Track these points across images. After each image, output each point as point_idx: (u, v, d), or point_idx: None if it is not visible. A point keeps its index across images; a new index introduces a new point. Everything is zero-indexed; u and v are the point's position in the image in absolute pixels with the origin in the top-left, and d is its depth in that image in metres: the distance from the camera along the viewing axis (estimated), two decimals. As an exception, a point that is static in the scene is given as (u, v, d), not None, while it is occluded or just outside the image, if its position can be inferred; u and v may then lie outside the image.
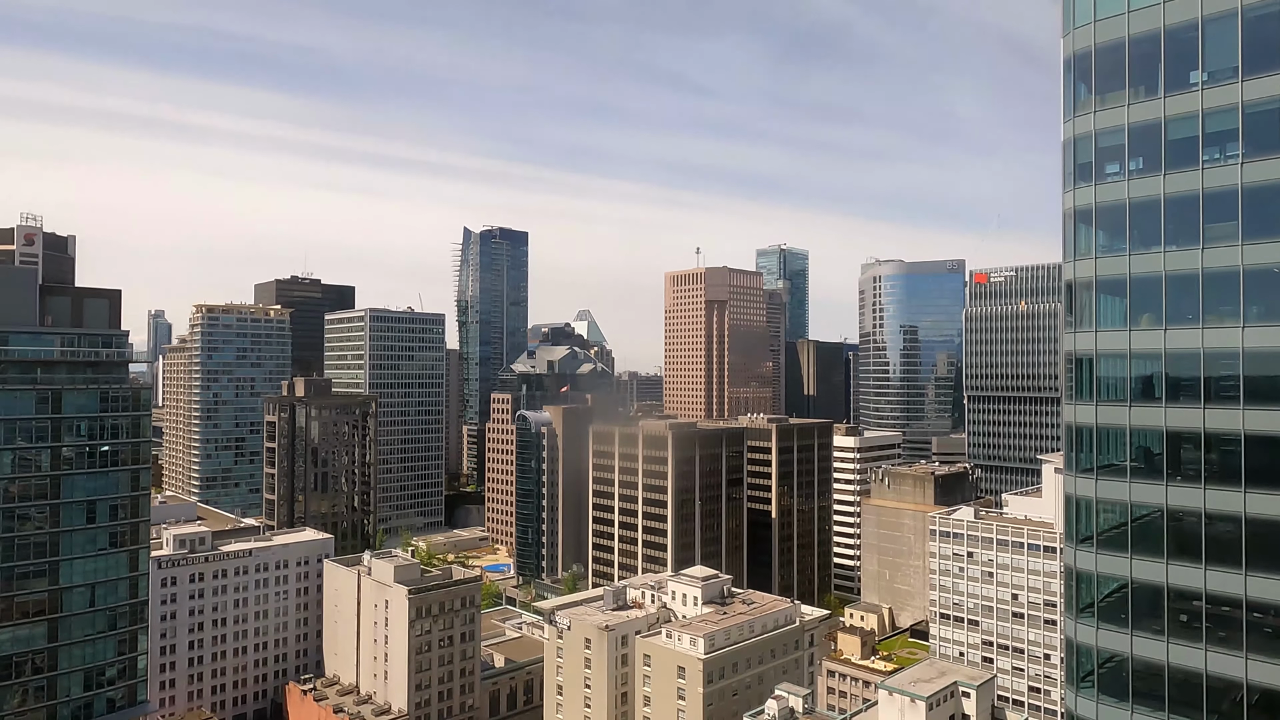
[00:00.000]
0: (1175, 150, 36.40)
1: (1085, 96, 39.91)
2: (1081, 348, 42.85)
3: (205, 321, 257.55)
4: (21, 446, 73.08)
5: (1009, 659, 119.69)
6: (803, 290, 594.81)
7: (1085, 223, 40.66)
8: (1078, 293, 42.70)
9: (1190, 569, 39.98)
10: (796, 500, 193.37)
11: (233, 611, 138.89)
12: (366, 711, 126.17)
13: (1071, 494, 44.37)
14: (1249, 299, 36.23)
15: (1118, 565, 42.70)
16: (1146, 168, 38.02)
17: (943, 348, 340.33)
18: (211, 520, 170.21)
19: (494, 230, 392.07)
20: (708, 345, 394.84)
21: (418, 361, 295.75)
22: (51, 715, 76.20)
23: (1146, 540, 41.47)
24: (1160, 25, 36.94)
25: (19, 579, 73.98)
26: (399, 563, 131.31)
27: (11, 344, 73.39)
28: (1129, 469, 41.58)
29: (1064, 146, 41.31)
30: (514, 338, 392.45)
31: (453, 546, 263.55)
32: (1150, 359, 40.39)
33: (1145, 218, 37.61)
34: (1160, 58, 37.28)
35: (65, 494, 76.01)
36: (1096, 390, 42.48)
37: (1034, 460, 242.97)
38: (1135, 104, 37.66)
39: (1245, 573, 38.21)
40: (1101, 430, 42.64)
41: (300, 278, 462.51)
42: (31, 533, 73.73)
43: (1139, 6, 37.43)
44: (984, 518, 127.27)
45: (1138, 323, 40.39)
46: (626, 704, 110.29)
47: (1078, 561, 44.24)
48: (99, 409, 77.17)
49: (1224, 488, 38.46)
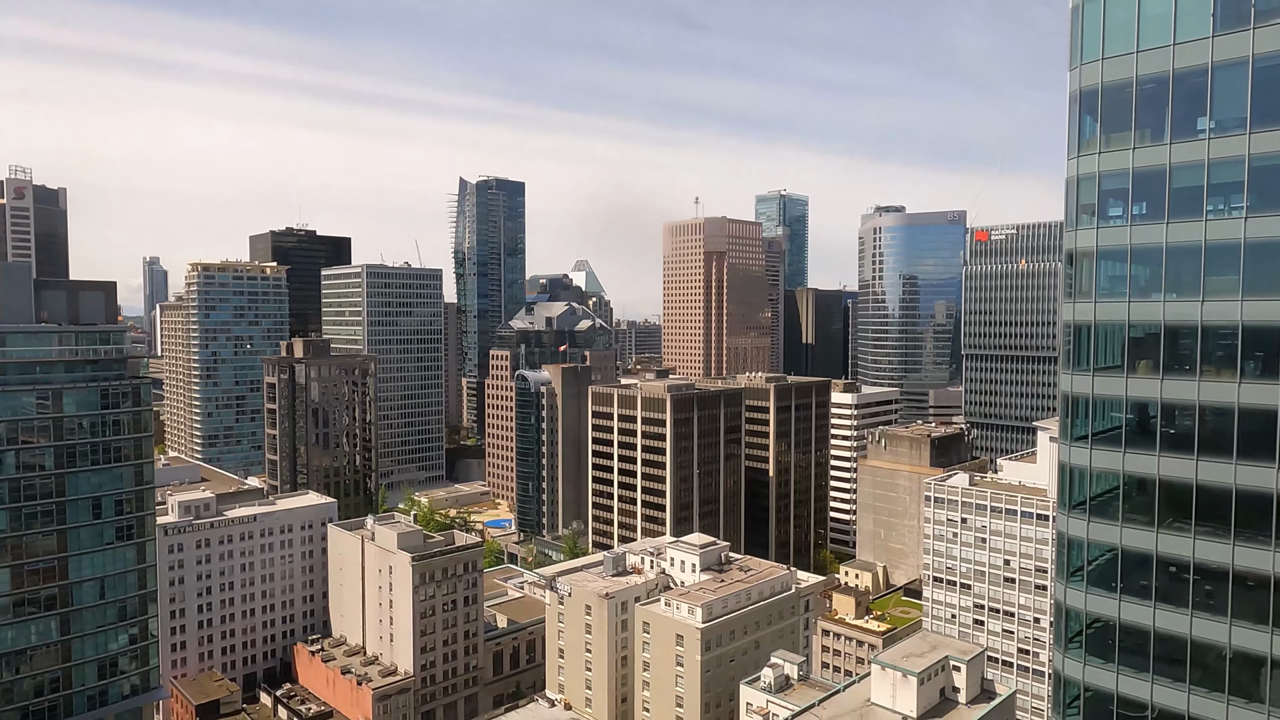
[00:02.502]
0: (1179, 199, 35.95)
1: (1090, 135, 39.31)
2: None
3: (201, 280, 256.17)
4: (24, 446, 73.77)
5: (999, 622, 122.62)
6: (802, 236, 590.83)
7: (1088, 263, 40.61)
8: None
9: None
10: (794, 458, 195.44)
11: (239, 575, 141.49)
12: (373, 672, 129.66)
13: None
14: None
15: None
16: (1150, 214, 37.78)
17: (942, 297, 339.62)
18: (215, 482, 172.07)
19: (490, 181, 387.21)
20: (706, 296, 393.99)
21: (416, 317, 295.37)
22: (68, 704, 79.01)
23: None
24: (1170, 68, 36.18)
25: (29, 575, 75.54)
26: (402, 529, 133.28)
27: (10, 344, 73.41)
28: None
29: (1067, 184, 40.89)
30: (512, 290, 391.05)
31: (454, 502, 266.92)
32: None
33: (1146, 264, 37.45)
34: (1169, 102, 36.57)
35: (70, 491, 77.05)
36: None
37: (1030, 419, 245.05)
38: (1141, 148, 37.03)
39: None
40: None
41: (295, 229, 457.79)
42: (39, 530, 75.10)
43: (1149, 47, 36.60)
44: (978, 484, 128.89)
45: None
46: (626, 667, 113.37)
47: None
48: (100, 406, 77.66)
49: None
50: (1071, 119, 39.16)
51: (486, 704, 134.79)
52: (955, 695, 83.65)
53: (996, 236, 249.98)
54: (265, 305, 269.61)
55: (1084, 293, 42.17)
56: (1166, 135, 36.19)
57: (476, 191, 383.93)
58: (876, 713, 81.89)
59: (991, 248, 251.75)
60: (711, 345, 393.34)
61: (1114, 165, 37.57)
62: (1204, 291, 35.99)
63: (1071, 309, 43.09)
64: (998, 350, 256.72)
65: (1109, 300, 41.37)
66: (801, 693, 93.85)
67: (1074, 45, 38.62)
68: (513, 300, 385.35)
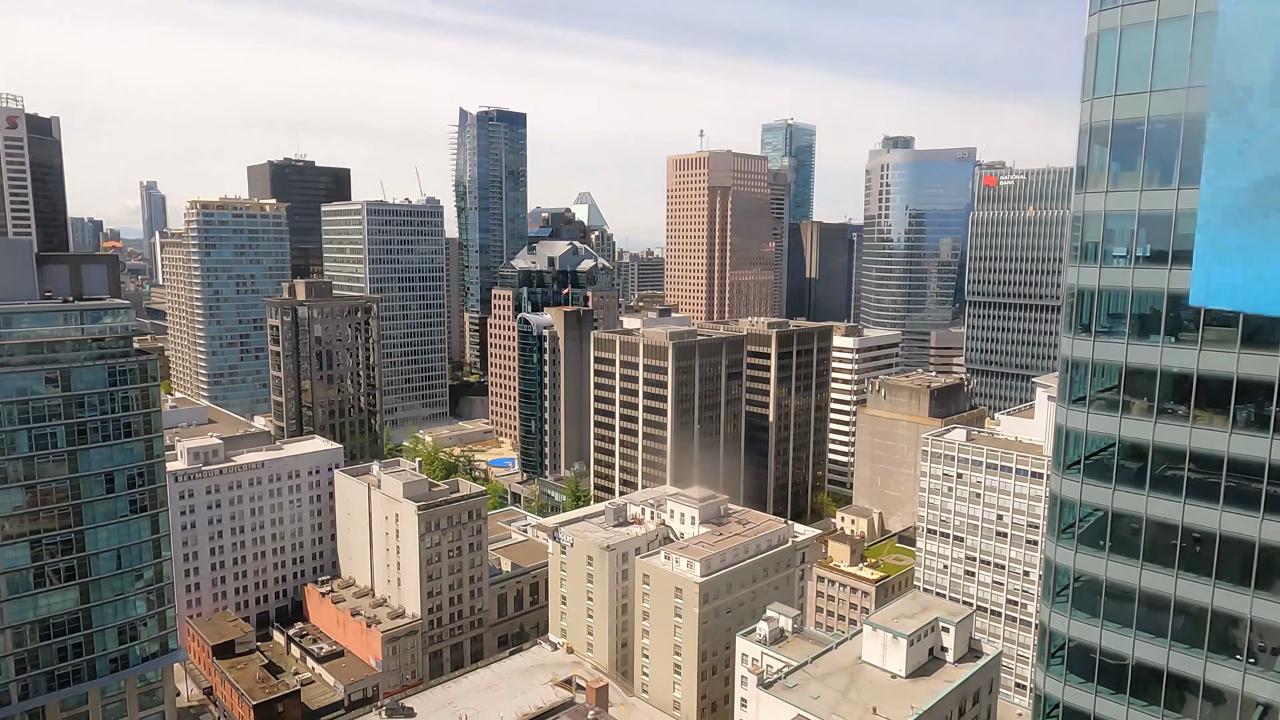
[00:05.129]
0: (1182, 245, 35.49)
1: (1099, 171, 38.63)
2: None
3: (201, 219, 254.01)
4: (36, 425, 75.08)
5: (990, 573, 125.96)
6: (809, 166, 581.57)
7: (1089, 299, 40.28)
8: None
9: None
10: (794, 403, 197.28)
11: (249, 520, 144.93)
12: (382, 614, 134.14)
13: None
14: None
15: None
16: (1153, 258, 37.25)
17: (949, 233, 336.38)
18: (222, 424, 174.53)
19: (491, 111, 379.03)
20: (710, 231, 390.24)
21: (417, 254, 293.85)
22: (91, 668, 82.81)
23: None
24: (1182, 111, 35.25)
25: (48, 548, 78.09)
26: (408, 478, 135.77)
27: (15, 325, 73.88)
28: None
29: (1073, 220, 40.31)
30: (514, 224, 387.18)
31: (458, 440, 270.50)
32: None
33: (1146, 310, 37.21)
34: (1179, 145, 35.82)
35: (83, 468, 78.88)
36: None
37: (1031, 368, 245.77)
38: (1149, 191, 36.38)
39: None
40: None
41: (293, 160, 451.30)
42: (55, 505, 77.16)
43: (1162, 87, 35.68)
44: (975, 439, 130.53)
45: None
46: (626, 615, 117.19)
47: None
48: (108, 384, 78.62)
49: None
50: (1080, 151, 38.41)
51: (491, 644, 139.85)
52: (943, 655, 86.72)
53: (1005, 182, 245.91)
54: (266, 243, 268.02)
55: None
56: (1175, 180, 35.48)
57: (477, 122, 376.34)
58: (867, 670, 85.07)
59: (999, 193, 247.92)
60: (714, 281, 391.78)
61: (1120, 206, 36.92)
62: (1202, 341, 35.81)
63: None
64: (1002, 298, 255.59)
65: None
66: (795, 645, 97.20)
67: (1087, 77, 37.59)
68: (515, 235, 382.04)
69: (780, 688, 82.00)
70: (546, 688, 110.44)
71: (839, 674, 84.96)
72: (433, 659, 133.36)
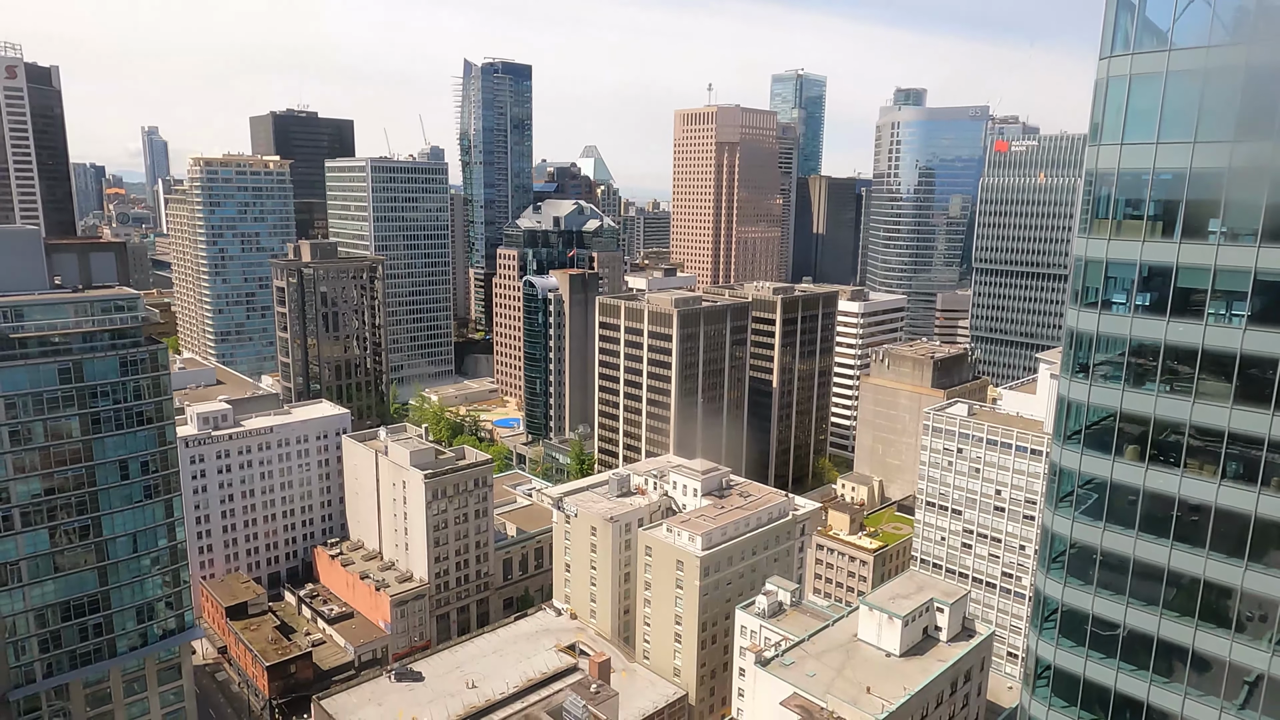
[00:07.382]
0: (1181, 298, 35.48)
1: (1102, 217, 38.46)
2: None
3: (204, 175, 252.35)
4: (51, 416, 76.55)
5: (986, 546, 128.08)
6: (818, 119, 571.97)
7: (1087, 342, 40.25)
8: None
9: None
10: (798, 369, 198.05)
11: (259, 483, 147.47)
12: (390, 578, 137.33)
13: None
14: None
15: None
16: (1153, 308, 37.09)
17: (959, 191, 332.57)
18: (230, 385, 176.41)
19: (496, 64, 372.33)
20: (717, 187, 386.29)
21: (422, 210, 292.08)
22: (111, 646, 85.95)
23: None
24: (1188, 166, 35.10)
25: (65, 534, 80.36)
26: (415, 446, 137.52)
27: (28, 318, 74.67)
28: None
29: (1074, 264, 39.80)
30: (519, 179, 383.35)
31: (464, 399, 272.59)
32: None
33: (1143, 358, 37.22)
34: (1183, 198, 35.69)
35: (98, 456, 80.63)
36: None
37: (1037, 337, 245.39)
38: (1151, 242, 36.10)
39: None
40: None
41: (296, 110, 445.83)
42: (71, 492, 79.12)
43: (1169, 140, 35.39)
44: (976, 415, 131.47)
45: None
46: (628, 583, 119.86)
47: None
48: (119, 374, 79.77)
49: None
50: (1085, 195, 38.19)
51: (497, 607, 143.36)
52: (937, 634, 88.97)
53: (1016, 148, 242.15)
54: (270, 200, 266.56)
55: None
56: (1177, 233, 35.39)
57: (482, 75, 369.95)
58: (862, 649, 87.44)
59: (1010, 158, 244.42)
60: (721, 238, 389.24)
61: (1122, 255, 36.82)
62: (1196, 394, 36.01)
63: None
64: (1010, 265, 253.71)
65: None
66: (793, 619, 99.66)
67: (1094, 122, 37.23)
68: (520, 190, 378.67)
69: (777, 665, 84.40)
70: (551, 653, 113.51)
71: (835, 651, 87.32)
72: (440, 621, 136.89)
